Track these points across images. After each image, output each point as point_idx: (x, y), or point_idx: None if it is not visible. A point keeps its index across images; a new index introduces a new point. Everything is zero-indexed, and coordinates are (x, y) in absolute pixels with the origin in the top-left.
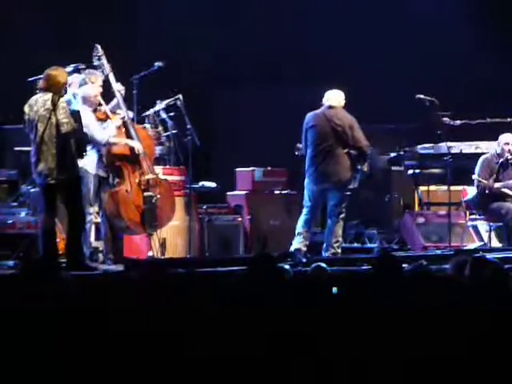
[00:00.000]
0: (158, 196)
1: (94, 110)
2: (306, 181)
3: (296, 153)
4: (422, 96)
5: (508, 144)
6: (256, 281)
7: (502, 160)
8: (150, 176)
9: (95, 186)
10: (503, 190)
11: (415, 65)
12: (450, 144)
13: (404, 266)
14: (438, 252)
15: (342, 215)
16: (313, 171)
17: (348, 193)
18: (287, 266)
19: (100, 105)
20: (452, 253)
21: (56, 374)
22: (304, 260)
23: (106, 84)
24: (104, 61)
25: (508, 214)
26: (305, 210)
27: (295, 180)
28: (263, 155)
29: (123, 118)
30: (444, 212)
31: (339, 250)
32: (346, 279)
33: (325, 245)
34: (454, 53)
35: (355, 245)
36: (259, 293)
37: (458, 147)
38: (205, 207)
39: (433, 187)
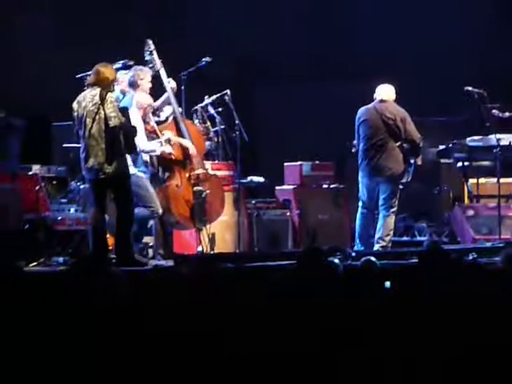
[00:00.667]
0: (208, 191)
1: (144, 121)
2: (360, 175)
3: (352, 150)
4: (470, 88)
5: None
6: (306, 275)
7: None
8: (200, 171)
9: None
10: None
11: (464, 57)
12: (499, 136)
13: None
14: (488, 245)
15: (394, 209)
16: (365, 165)
17: (400, 186)
18: (337, 260)
19: (149, 119)
20: (502, 245)
21: (108, 371)
22: (353, 254)
23: (157, 80)
24: (155, 56)
25: None
26: (360, 205)
27: (343, 174)
28: (311, 149)
29: (172, 113)
30: (494, 204)
31: (389, 244)
32: (396, 273)
33: (376, 238)
34: (501, 45)
35: (405, 238)
36: (309, 287)
37: (508, 139)
38: (253, 202)
39: (482, 180)
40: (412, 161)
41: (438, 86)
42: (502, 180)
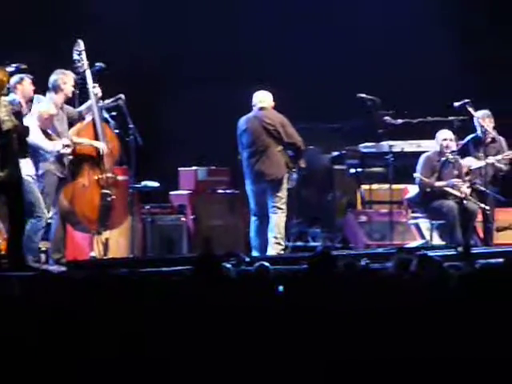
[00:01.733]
0: (114, 197)
1: (44, 131)
2: (246, 183)
3: (239, 157)
4: (363, 95)
5: (445, 140)
6: (199, 281)
7: (443, 158)
8: (109, 175)
9: (56, 187)
10: (445, 188)
11: (357, 64)
12: (391, 143)
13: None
14: (380, 250)
15: (283, 210)
16: (250, 172)
17: (286, 186)
18: (230, 266)
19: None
20: (394, 251)
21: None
22: (247, 259)
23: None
24: (83, 56)
25: (449, 211)
26: (252, 216)
27: (239, 179)
28: (206, 155)
29: (91, 120)
30: (386, 210)
31: (283, 242)
32: (289, 278)
33: (269, 238)
34: (394, 52)
35: (299, 243)
36: (203, 292)
37: (400, 146)
38: (148, 207)
39: (375, 186)
40: (296, 164)
41: (330, 92)
42: (394, 186)
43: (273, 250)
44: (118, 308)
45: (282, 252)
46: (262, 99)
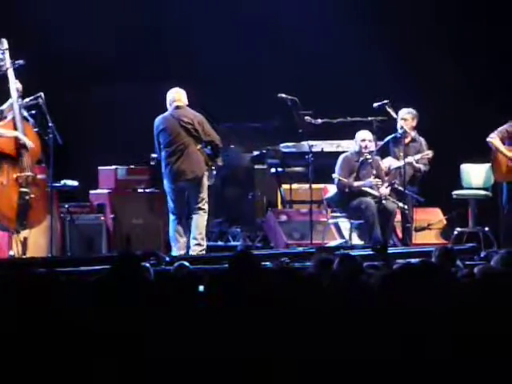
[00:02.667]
0: (33, 195)
1: None
2: (165, 182)
3: (152, 163)
4: (283, 95)
5: (364, 140)
6: (118, 280)
7: (361, 158)
8: (29, 173)
9: None
10: (363, 188)
11: (278, 63)
12: (311, 143)
13: (266, 263)
14: (300, 249)
15: (205, 210)
16: (169, 171)
17: (205, 185)
18: (149, 265)
19: None
20: (314, 250)
21: None
22: (167, 259)
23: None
24: (7, 55)
25: (368, 209)
26: (171, 215)
27: (158, 178)
28: (126, 153)
29: (12, 119)
30: (306, 210)
31: (204, 243)
32: (207, 277)
33: (190, 238)
34: (315, 53)
35: (219, 243)
36: (122, 292)
37: (320, 146)
38: (67, 206)
39: (295, 185)
40: (214, 162)
41: (251, 92)
42: (314, 186)
43: (193, 252)
44: (36, 307)
45: (203, 253)
46: (177, 97)
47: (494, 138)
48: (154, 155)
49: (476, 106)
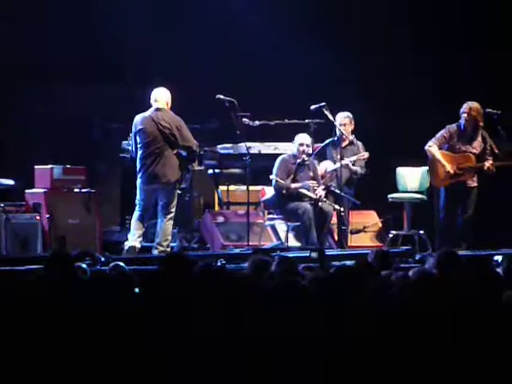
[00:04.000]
0: None
1: None
2: (138, 181)
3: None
4: (221, 96)
5: (302, 145)
6: (52, 279)
7: (298, 161)
8: None
9: None
10: (300, 190)
11: (216, 65)
12: (249, 144)
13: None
14: (237, 251)
15: (172, 215)
16: (143, 173)
17: (178, 191)
18: (84, 265)
19: None
20: (250, 252)
21: None
22: (103, 259)
23: None
24: None
25: (305, 213)
26: (137, 208)
27: (95, 178)
28: (62, 153)
29: None
30: (243, 211)
31: (168, 249)
32: (144, 278)
33: (154, 243)
34: (253, 54)
35: None
36: (56, 291)
37: (257, 148)
38: (2, 205)
39: (232, 187)
40: (189, 167)
41: (188, 94)
42: (252, 188)
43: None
44: None
45: None
46: (158, 98)
47: (431, 146)
48: (127, 146)
49: (412, 110)
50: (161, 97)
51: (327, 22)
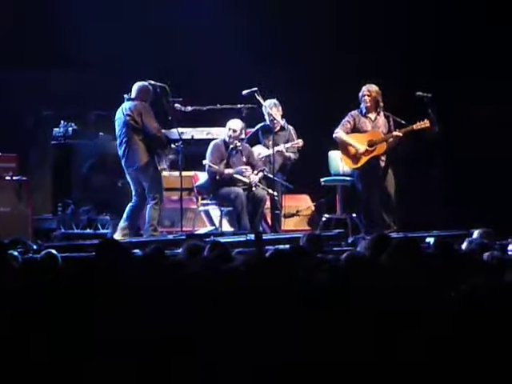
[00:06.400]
0: None
1: None
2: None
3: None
4: (152, 82)
5: (235, 131)
6: None
7: (231, 146)
8: None
9: None
10: (234, 175)
11: (146, 50)
12: (181, 130)
13: (136, 250)
14: (171, 237)
15: (156, 200)
16: (123, 162)
17: (152, 173)
18: (16, 253)
19: None
20: (184, 237)
21: None
22: (35, 247)
23: None
24: None
25: (237, 198)
26: (133, 198)
27: (26, 165)
28: None
29: None
30: (176, 197)
31: (155, 233)
32: (75, 265)
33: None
34: (185, 39)
35: (88, 231)
36: None
37: (190, 133)
38: None
39: (165, 173)
40: (159, 151)
41: (120, 79)
42: (184, 173)
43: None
44: None
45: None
46: (133, 89)
47: (338, 133)
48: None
49: (343, 92)
50: (134, 88)
51: (260, 8)
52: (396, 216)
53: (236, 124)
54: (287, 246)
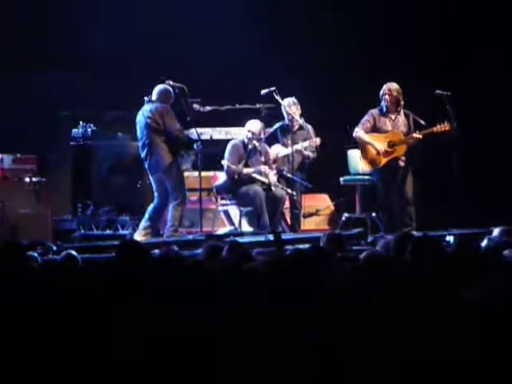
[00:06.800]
0: None
1: None
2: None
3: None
4: (171, 82)
5: (253, 133)
6: (3, 268)
7: (250, 146)
8: None
9: None
10: (253, 175)
11: (165, 51)
12: (200, 130)
13: (155, 251)
14: (190, 237)
15: (179, 200)
16: (146, 164)
17: (175, 174)
18: (36, 254)
19: None
20: (203, 238)
21: None
22: (55, 248)
23: None
24: None
25: (256, 195)
26: (155, 199)
27: (46, 167)
28: (12, 141)
29: None
30: (195, 198)
31: (176, 234)
32: (96, 266)
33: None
34: (204, 40)
35: (108, 232)
36: (6, 280)
37: (208, 133)
38: None
39: (185, 173)
40: (182, 151)
41: (137, 80)
42: (204, 173)
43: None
44: None
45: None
46: (153, 92)
47: (358, 132)
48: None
49: (365, 92)
50: (154, 90)
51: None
52: (415, 215)
53: (255, 125)
54: (306, 246)
